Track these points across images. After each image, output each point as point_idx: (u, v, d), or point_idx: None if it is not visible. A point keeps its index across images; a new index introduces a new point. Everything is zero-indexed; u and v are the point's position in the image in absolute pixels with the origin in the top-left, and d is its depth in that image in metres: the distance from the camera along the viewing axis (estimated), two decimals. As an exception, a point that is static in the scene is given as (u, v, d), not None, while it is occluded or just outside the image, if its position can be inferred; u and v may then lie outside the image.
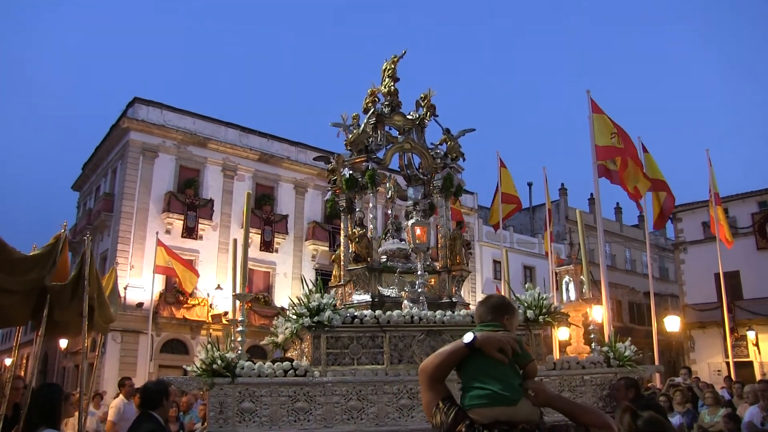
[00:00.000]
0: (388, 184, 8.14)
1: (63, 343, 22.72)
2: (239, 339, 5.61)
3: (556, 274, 17.83)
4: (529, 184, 41.10)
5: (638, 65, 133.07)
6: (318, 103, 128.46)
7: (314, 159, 16.27)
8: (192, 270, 21.26)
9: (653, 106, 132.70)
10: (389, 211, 8.19)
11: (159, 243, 20.00)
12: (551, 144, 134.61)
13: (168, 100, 28.34)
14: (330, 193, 7.90)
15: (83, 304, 5.98)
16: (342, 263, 7.55)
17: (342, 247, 7.69)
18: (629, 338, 7.00)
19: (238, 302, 5.96)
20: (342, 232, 7.94)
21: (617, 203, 44.87)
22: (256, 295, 25.29)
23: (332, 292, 6.24)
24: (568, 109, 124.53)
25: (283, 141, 29.76)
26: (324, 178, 29.32)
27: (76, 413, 7.15)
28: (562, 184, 41.08)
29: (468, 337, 2.29)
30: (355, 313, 6.10)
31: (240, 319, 5.73)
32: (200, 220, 25.60)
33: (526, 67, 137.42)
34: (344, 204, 7.78)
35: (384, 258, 7.56)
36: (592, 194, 36.12)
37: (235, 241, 5.84)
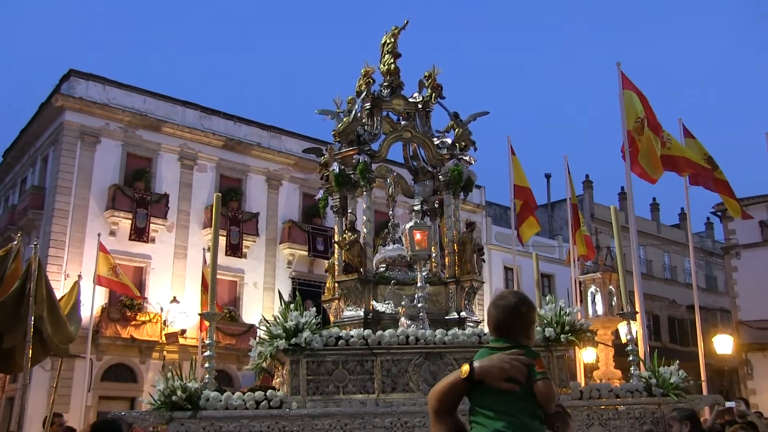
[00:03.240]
0: (388, 180, 8.21)
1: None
2: (206, 365, 5.64)
3: (579, 283, 18.00)
4: (547, 176, 41.28)
5: (675, 33, 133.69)
6: (296, 81, 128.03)
7: (304, 151, 16.28)
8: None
9: (694, 83, 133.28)
10: (390, 211, 8.24)
11: (101, 247, 19.89)
12: (573, 128, 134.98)
13: (112, 75, 28.19)
14: (322, 191, 7.95)
15: (28, 326, 5.94)
16: (336, 273, 7.61)
17: (336, 255, 7.75)
18: (677, 361, 7.01)
19: (204, 322, 5.99)
20: (336, 236, 7.99)
21: (653, 198, 45.10)
22: (220, 310, 25.30)
23: (313, 309, 6.24)
24: (594, 86, 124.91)
25: (252, 124, 29.75)
26: (301, 168, 29.45)
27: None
28: (587, 176, 41.28)
29: (465, 369, 2.33)
30: (340, 334, 6.15)
31: (208, 341, 5.76)
32: (152, 220, 25.51)
33: (542, 38, 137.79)
34: (338, 204, 7.84)
35: (383, 267, 7.62)
36: (623, 188, 36.31)
37: (206, 249, 5.85)
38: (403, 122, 7.91)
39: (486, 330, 6.76)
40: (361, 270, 7.10)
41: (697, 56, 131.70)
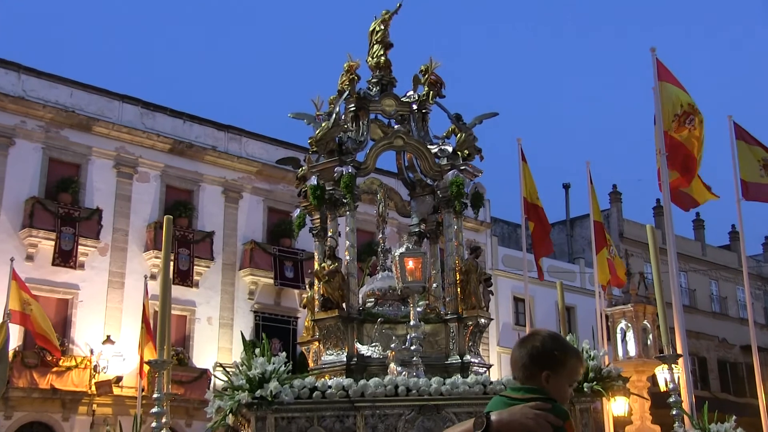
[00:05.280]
0: (378, 195, 8.27)
1: None
2: (153, 425, 5.65)
3: (606, 317, 18.08)
4: (566, 186, 41.56)
5: (721, 14, 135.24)
6: (261, 73, 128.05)
7: (278, 162, 16.34)
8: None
9: (748, 70, 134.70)
10: (380, 234, 8.29)
11: (15, 275, 19.75)
12: (598, 129, 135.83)
13: (31, 62, 28.11)
14: (299, 209, 7.99)
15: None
16: (315, 309, 7.66)
17: (315, 288, 7.79)
18: (734, 416, 7.04)
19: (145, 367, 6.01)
20: (315, 265, 8.03)
21: (697, 214, 45.35)
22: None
23: (282, 354, 6.26)
24: (622, 79, 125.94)
25: (206, 123, 29.85)
26: (266, 177, 29.50)
27: None
28: (615, 187, 41.59)
29: (479, 424, 2.34)
30: (316, 384, 6.18)
31: (156, 395, 5.76)
32: (81, 241, 25.40)
33: (560, 21, 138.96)
34: (318, 225, 7.87)
35: (370, 302, 7.66)
36: (659, 200, 36.62)
37: (148, 277, 5.89)
38: (395, 126, 7.95)
39: (493, 378, 6.82)
40: (344, 306, 7.13)
41: (747, 45, 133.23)
